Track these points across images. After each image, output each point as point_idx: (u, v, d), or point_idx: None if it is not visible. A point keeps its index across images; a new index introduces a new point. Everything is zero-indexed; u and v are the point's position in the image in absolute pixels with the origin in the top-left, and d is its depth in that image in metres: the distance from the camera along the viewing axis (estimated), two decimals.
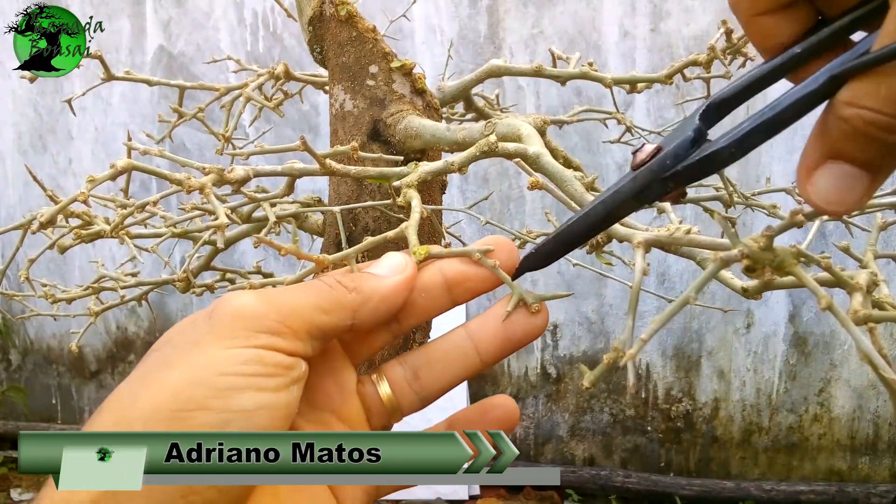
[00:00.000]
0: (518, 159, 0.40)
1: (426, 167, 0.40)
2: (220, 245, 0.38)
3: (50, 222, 0.39)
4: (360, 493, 0.31)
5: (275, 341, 0.27)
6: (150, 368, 0.27)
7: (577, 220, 0.31)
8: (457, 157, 0.40)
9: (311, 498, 0.29)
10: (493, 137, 0.40)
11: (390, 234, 0.34)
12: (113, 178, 0.38)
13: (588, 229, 0.31)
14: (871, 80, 0.22)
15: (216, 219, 0.38)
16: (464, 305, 2.04)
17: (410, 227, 0.34)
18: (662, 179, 0.28)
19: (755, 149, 0.26)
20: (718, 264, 0.25)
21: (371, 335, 0.32)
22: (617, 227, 0.32)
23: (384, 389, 0.32)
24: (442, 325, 0.37)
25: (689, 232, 0.29)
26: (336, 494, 0.30)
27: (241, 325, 0.27)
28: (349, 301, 0.29)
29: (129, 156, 0.39)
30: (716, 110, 0.29)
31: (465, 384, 2.00)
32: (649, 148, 0.28)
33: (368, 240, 0.34)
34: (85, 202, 0.36)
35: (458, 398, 1.99)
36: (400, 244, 0.34)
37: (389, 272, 0.31)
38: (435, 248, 0.32)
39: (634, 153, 0.29)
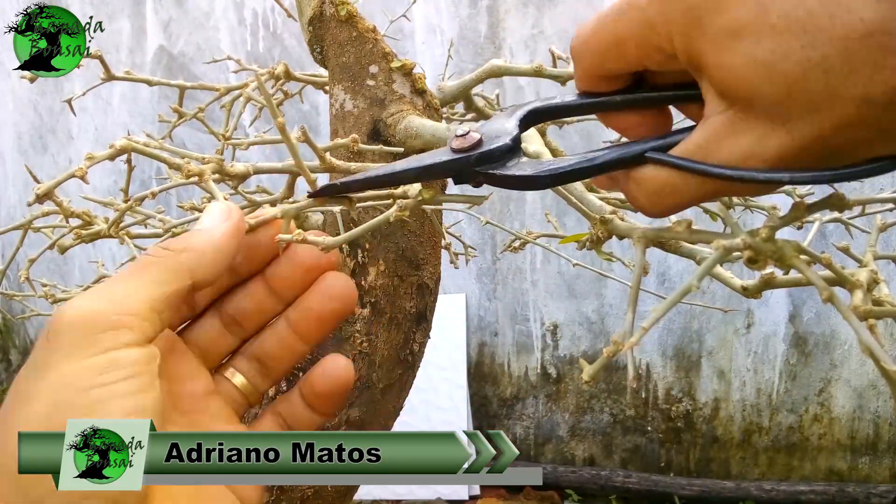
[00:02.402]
0: None
1: None
2: None
3: (46, 195, 0.39)
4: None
5: (123, 335, 0.26)
6: (10, 408, 0.25)
7: (384, 175, 0.33)
8: None
9: (212, 499, 0.29)
10: None
11: (391, 213, 0.35)
12: (112, 157, 0.38)
13: (393, 185, 0.34)
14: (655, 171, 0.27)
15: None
16: (463, 295, 2.04)
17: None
18: (474, 172, 0.30)
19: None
20: (721, 252, 0.26)
21: (219, 338, 0.33)
22: (617, 222, 0.32)
23: (239, 380, 0.33)
24: (444, 318, 0.37)
25: (689, 226, 0.29)
26: (238, 494, 0.30)
27: (82, 332, 0.25)
28: (183, 261, 0.29)
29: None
30: (533, 118, 0.31)
31: (465, 383, 2.00)
32: (473, 137, 0.30)
33: (369, 222, 0.35)
34: (83, 178, 0.36)
35: (458, 397, 2.00)
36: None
37: (215, 222, 0.30)
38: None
39: (457, 136, 0.30)
